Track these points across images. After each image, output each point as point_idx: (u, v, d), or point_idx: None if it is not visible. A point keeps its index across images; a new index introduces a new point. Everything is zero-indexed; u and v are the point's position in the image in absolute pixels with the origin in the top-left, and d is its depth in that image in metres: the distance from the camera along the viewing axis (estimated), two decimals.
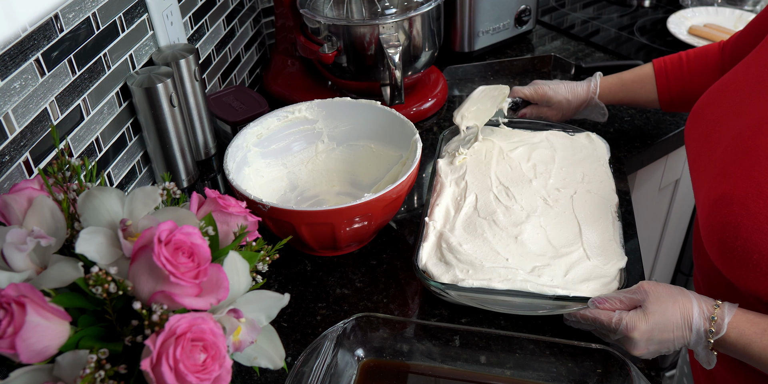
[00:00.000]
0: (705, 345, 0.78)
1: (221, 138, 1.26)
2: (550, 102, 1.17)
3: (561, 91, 1.16)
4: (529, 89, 1.18)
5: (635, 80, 1.14)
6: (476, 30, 1.49)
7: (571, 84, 1.17)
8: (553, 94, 1.17)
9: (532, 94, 1.18)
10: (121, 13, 1.00)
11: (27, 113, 0.83)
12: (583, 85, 1.17)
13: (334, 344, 0.81)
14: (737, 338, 0.76)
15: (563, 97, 1.16)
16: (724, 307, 0.78)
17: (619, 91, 1.15)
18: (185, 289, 0.56)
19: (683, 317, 0.78)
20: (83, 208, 0.60)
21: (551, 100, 1.17)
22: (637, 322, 0.78)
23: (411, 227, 1.09)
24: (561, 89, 1.17)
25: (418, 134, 1.03)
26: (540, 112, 1.20)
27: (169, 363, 0.52)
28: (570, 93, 1.16)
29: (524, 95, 1.19)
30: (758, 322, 0.76)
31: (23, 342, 0.52)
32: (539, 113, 1.20)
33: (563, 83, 1.18)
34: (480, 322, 0.92)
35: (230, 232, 0.66)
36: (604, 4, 1.80)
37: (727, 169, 0.79)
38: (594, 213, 0.97)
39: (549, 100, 1.17)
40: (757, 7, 1.72)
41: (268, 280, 1.00)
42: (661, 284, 0.81)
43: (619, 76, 1.16)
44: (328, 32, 1.22)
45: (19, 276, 0.56)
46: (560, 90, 1.17)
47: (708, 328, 0.77)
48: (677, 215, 1.61)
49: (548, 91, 1.17)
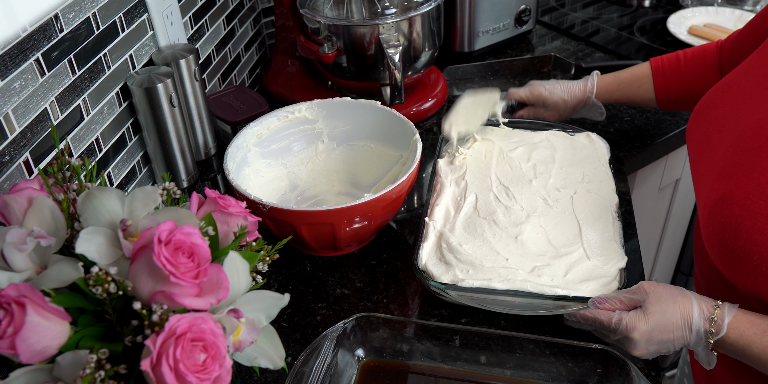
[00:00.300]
0: (705, 345, 0.78)
1: (221, 138, 1.26)
2: (546, 103, 1.17)
3: (557, 92, 1.16)
4: (524, 91, 1.18)
5: (632, 79, 1.14)
6: (476, 30, 1.49)
7: (567, 83, 1.17)
8: (548, 94, 1.16)
9: (528, 96, 1.17)
10: (121, 13, 1.00)
11: (27, 113, 0.83)
12: (579, 85, 1.16)
13: (334, 344, 0.81)
14: (737, 339, 0.76)
15: (559, 97, 1.16)
16: (724, 307, 0.77)
17: (616, 90, 1.15)
18: (185, 289, 0.56)
19: (683, 318, 0.78)
20: (83, 208, 0.60)
21: (547, 101, 1.16)
22: (637, 323, 0.78)
23: (411, 227, 1.09)
24: (557, 89, 1.16)
25: (418, 134, 1.03)
26: (537, 113, 1.19)
27: (169, 363, 0.52)
28: (566, 93, 1.16)
29: (519, 97, 1.18)
30: (758, 323, 0.76)
31: (23, 342, 0.52)
32: (536, 114, 1.19)
33: (559, 83, 1.17)
34: (480, 322, 0.92)
35: (230, 232, 0.66)
36: (604, 4, 1.80)
37: (728, 169, 0.79)
38: (594, 213, 0.97)
39: (545, 101, 1.16)
40: (757, 7, 1.72)
41: (268, 280, 1.00)
42: (661, 284, 0.81)
43: (616, 75, 1.16)
44: (328, 32, 1.22)
45: (19, 276, 0.56)
46: (556, 90, 1.16)
47: (708, 329, 0.77)
48: (677, 215, 1.61)
49: (544, 92, 1.16)
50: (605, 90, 1.15)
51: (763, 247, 0.73)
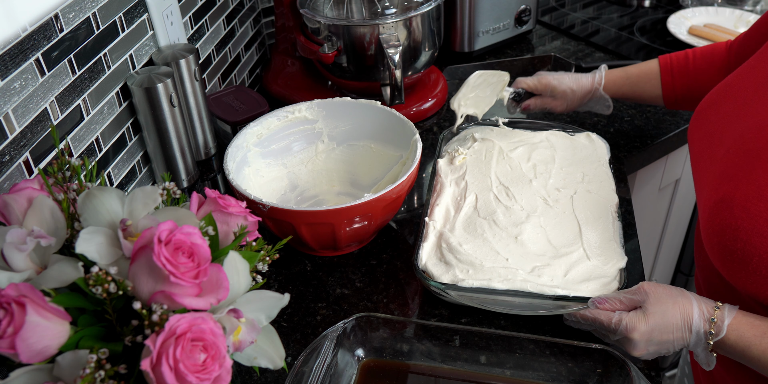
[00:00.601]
0: (704, 346, 0.78)
1: (221, 138, 1.26)
2: (555, 92, 1.16)
3: (565, 81, 1.15)
4: (532, 79, 1.18)
5: (640, 75, 1.14)
6: (476, 30, 1.49)
7: (575, 75, 1.17)
8: (557, 83, 1.15)
9: (536, 84, 1.17)
10: (121, 13, 1.00)
11: (27, 113, 0.83)
12: (588, 77, 1.16)
13: (334, 344, 0.81)
14: (737, 340, 0.76)
15: (567, 86, 1.15)
16: (724, 309, 0.77)
17: (623, 85, 1.15)
18: (185, 289, 0.56)
19: (683, 319, 0.78)
20: (83, 208, 0.60)
21: (555, 90, 1.15)
22: (636, 323, 0.78)
23: (411, 227, 1.09)
24: (565, 79, 1.16)
25: (418, 134, 1.03)
26: (544, 103, 1.18)
27: (169, 363, 0.52)
28: (574, 83, 1.15)
29: (527, 85, 1.17)
30: (758, 325, 0.76)
31: (23, 342, 0.52)
32: (543, 104, 1.18)
33: (567, 74, 1.17)
34: (480, 322, 0.92)
35: (230, 232, 0.66)
36: (604, 4, 1.80)
37: (729, 171, 0.79)
38: (594, 213, 0.97)
39: (553, 90, 1.15)
40: (758, 7, 1.72)
41: (268, 280, 1.00)
42: (661, 285, 0.81)
43: (625, 69, 1.16)
44: (328, 32, 1.22)
45: (19, 276, 0.56)
46: (564, 80, 1.16)
47: (708, 330, 0.77)
48: (677, 215, 1.61)
49: (552, 81, 1.16)
50: (613, 84, 1.15)
51: (763, 249, 0.73)
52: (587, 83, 1.15)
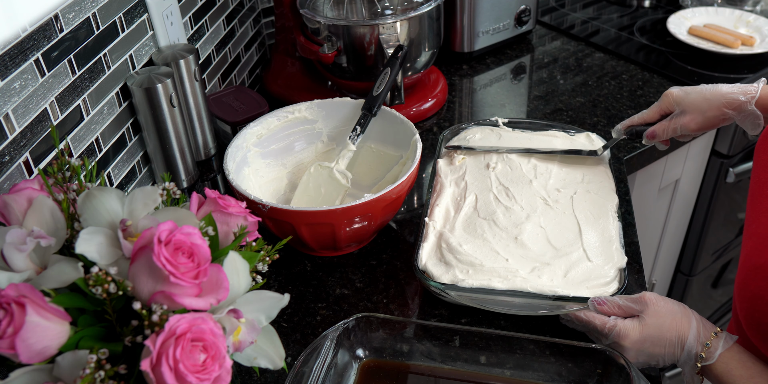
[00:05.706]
0: (692, 367, 0.78)
1: (221, 138, 1.26)
2: (682, 104, 0.96)
3: (697, 89, 0.96)
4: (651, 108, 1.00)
5: None
6: (476, 30, 1.49)
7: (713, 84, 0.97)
8: (684, 94, 0.96)
9: (657, 109, 0.99)
10: (121, 13, 1.00)
11: (27, 113, 0.83)
12: (734, 86, 0.94)
13: (334, 344, 0.81)
14: (723, 373, 0.75)
15: (699, 93, 0.94)
16: (721, 337, 0.77)
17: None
18: (185, 290, 0.56)
19: (678, 336, 0.77)
20: (83, 208, 0.60)
21: (683, 101, 0.95)
22: (630, 331, 0.78)
23: (411, 227, 1.09)
24: (697, 87, 0.96)
25: (418, 134, 1.03)
26: (675, 124, 0.97)
27: (169, 363, 0.52)
28: (709, 91, 0.94)
29: (643, 119, 1.01)
30: (749, 367, 0.75)
31: (23, 342, 0.52)
32: (674, 126, 0.97)
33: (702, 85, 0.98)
34: (480, 322, 0.92)
35: (230, 232, 0.66)
36: (604, 4, 1.80)
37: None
38: (594, 213, 0.97)
39: (680, 102, 0.96)
40: (758, 7, 1.72)
41: (268, 280, 1.00)
42: (663, 298, 0.81)
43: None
44: (328, 32, 1.22)
45: (19, 276, 0.56)
46: (696, 88, 0.96)
47: (699, 352, 0.76)
48: (677, 215, 1.61)
49: (678, 92, 0.97)
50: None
51: None
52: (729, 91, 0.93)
